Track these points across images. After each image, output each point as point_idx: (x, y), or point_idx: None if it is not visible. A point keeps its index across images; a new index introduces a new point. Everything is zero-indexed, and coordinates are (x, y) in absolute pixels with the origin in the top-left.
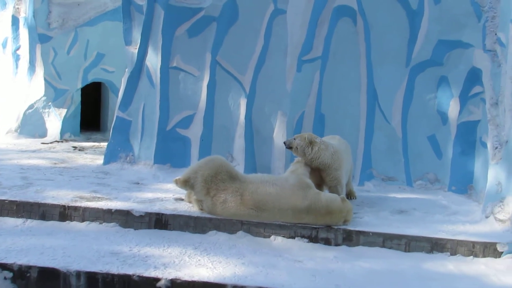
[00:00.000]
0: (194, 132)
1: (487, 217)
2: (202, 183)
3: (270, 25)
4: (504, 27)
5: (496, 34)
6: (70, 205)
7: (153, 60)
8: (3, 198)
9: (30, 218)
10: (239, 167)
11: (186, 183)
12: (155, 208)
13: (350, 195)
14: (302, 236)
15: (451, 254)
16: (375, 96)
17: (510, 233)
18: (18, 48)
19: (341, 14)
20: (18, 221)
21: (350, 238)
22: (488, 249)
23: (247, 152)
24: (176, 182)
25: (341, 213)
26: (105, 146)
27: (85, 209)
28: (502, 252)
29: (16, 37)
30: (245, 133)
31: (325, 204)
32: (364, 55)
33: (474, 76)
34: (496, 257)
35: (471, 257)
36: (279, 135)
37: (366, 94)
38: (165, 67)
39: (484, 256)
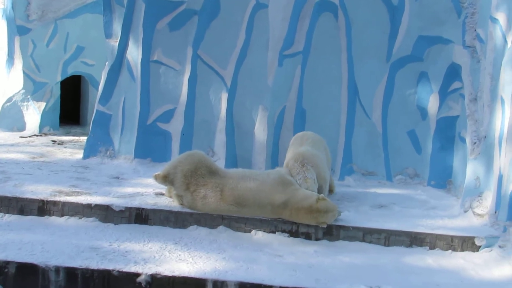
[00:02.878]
0: (175, 127)
1: (465, 211)
2: (181, 179)
3: (251, 19)
4: (484, 23)
5: (475, 31)
6: (49, 199)
7: (134, 54)
8: None
9: (8, 213)
10: (220, 161)
11: (165, 179)
12: (135, 202)
13: (329, 190)
14: (283, 231)
15: (430, 248)
16: (356, 91)
17: (488, 227)
18: None
19: (323, 9)
20: None
21: (330, 233)
22: (467, 243)
23: (228, 147)
24: (156, 177)
25: (311, 213)
26: (85, 140)
27: (64, 203)
28: (480, 246)
29: None
30: (226, 127)
31: (297, 201)
32: (345, 50)
33: (453, 72)
34: (474, 251)
35: (450, 251)
36: (260, 130)
37: (347, 89)
38: (146, 60)
39: (462, 250)
